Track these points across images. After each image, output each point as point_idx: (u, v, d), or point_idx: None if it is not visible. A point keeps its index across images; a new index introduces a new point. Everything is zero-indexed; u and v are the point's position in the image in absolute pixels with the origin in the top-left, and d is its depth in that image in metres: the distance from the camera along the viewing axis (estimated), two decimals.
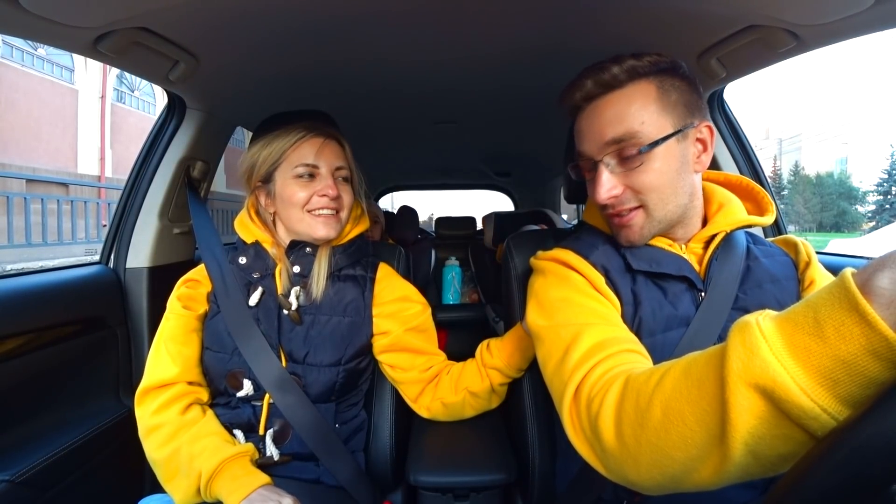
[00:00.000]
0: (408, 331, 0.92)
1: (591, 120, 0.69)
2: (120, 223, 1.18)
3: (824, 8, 0.72)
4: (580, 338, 0.61)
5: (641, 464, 0.47)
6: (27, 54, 8.59)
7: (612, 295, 0.70)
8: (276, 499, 0.71)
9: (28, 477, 0.82)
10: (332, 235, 0.87)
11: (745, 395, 0.37)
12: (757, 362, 0.36)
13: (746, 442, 0.37)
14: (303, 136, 0.85)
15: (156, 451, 0.79)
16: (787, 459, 0.37)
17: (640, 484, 0.50)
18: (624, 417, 0.49)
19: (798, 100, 50.29)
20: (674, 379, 0.45)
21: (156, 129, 1.18)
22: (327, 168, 0.86)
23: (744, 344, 0.37)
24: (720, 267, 0.71)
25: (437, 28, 0.90)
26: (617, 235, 0.72)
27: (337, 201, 0.86)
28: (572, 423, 0.58)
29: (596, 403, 0.54)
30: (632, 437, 0.48)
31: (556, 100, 0.76)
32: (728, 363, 0.38)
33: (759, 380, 0.36)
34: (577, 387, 0.58)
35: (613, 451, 0.51)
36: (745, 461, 0.38)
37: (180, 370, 0.83)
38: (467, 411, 0.95)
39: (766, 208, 0.75)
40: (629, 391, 0.50)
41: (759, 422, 0.36)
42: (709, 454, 0.40)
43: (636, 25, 0.87)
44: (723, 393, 0.38)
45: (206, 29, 0.83)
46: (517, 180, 3.01)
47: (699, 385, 0.42)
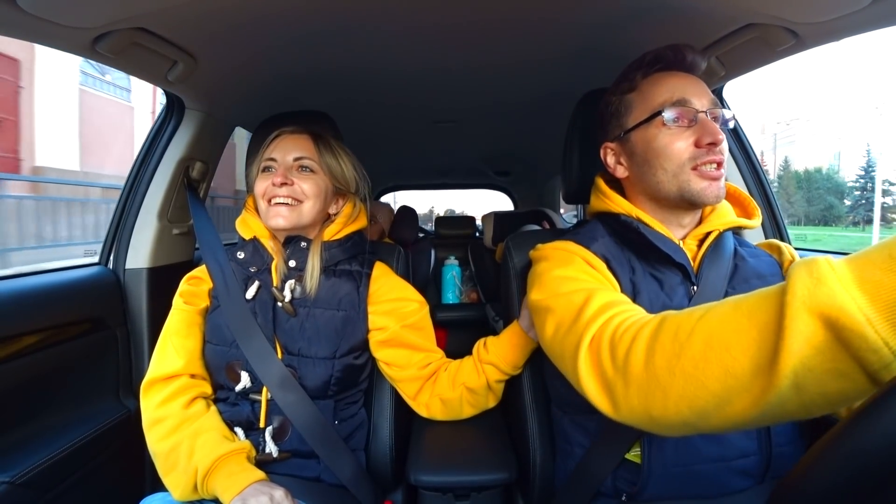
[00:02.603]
0: (404, 327, 0.92)
1: (695, 81, 0.74)
2: (119, 224, 1.18)
3: (823, 6, 0.72)
4: (592, 298, 0.63)
5: (670, 396, 0.47)
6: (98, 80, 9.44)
7: (613, 280, 0.72)
8: (267, 492, 0.71)
9: (28, 478, 0.82)
10: (286, 225, 0.87)
11: (805, 321, 0.36)
12: (824, 290, 0.35)
13: (796, 372, 0.36)
14: (272, 135, 0.91)
15: (157, 444, 0.80)
16: (829, 401, 0.37)
17: (662, 419, 0.49)
18: (658, 348, 0.49)
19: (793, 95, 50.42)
20: (721, 311, 0.45)
21: (154, 130, 1.18)
22: (283, 159, 0.89)
23: (811, 274, 0.37)
24: (711, 264, 0.74)
25: (437, 29, 0.90)
26: (702, 194, 0.70)
27: (289, 189, 0.86)
28: (588, 367, 0.57)
29: (627, 339, 0.53)
30: (665, 367, 0.48)
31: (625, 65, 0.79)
32: (791, 289, 0.37)
33: (824, 308, 0.35)
34: (596, 333, 0.58)
35: (641, 382, 0.50)
36: (787, 395, 0.37)
37: (184, 362, 0.85)
38: (465, 409, 0.95)
39: (753, 213, 0.80)
40: (667, 326, 0.50)
41: (814, 351, 0.36)
42: (749, 385, 0.40)
43: (637, 25, 0.87)
44: (780, 319, 0.38)
45: (205, 29, 0.83)
46: (516, 180, 3.01)
47: (751, 314, 0.42)
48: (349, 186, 0.95)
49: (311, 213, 0.89)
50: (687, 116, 0.70)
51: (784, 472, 0.60)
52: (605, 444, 0.74)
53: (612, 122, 0.80)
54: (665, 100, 0.71)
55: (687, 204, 0.72)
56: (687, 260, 0.73)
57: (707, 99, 0.71)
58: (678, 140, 0.70)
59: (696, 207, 0.74)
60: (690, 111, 0.70)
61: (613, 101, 0.79)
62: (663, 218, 0.76)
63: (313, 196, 0.88)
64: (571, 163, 0.94)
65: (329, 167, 0.91)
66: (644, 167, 0.74)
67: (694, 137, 0.69)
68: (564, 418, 0.83)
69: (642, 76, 0.75)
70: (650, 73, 0.75)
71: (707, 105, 0.71)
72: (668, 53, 0.74)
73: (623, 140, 0.78)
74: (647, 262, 0.75)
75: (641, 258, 0.75)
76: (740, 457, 0.68)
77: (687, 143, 0.70)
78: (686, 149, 0.70)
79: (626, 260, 0.75)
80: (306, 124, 0.93)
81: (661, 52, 0.74)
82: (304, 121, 0.93)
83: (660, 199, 0.75)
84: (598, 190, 0.83)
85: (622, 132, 0.77)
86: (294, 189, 0.87)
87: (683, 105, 0.70)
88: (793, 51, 0.85)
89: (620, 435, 0.71)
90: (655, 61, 0.75)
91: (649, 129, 0.73)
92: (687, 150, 0.70)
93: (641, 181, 0.76)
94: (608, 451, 0.74)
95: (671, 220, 0.76)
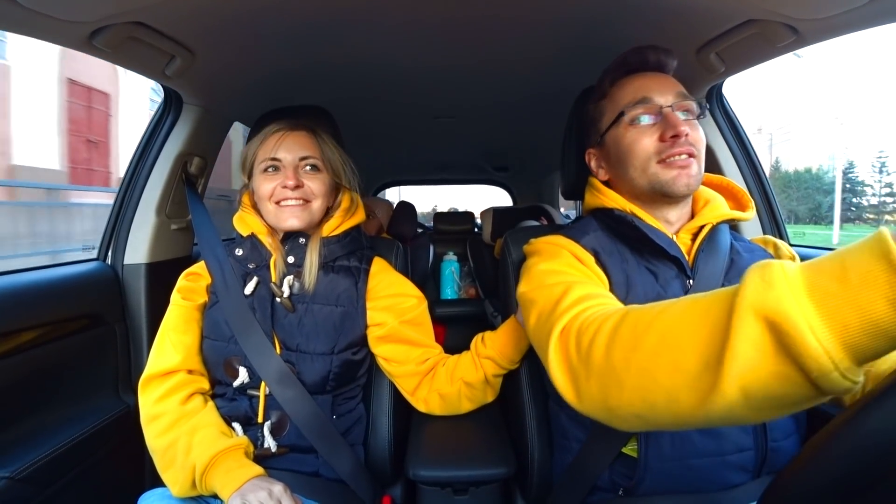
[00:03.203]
0: (403, 323, 0.92)
1: (659, 78, 0.76)
2: (117, 219, 1.17)
3: (823, 2, 0.72)
4: (570, 290, 0.64)
5: (625, 388, 0.48)
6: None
7: (601, 273, 0.73)
8: (266, 487, 0.71)
9: (28, 473, 0.82)
10: (300, 226, 0.88)
11: (751, 324, 0.37)
12: (772, 295, 0.36)
13: (741, 374, 0.37)
14: (269, 131, 0.89)
15: (155, 440, 0.80)
16: (778, 405, 0.38)
17: (617, 410, 0.50)
18: (618, 340, 0.50)
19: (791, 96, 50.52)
20: (678, 308, 0.46)
21: (152, 125, 1.17)
22: (289, 159, 0.88)
23: (762, 277, 0.38)
24: (706, 258, 0.75)
25: (436, 24, 0.90)
26: (671, 184, 0.72)
27: (301, 191, 0.87)
28: (557, 355, 0.59)
29: (592, 330, 0.55)
30: (622, 359, 0.49)
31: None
32: (742, 291, 0.38)
33: (770, 312, 0.36)
34: (567, 323, 0.60)
35: (600, 373, 0.51)
36: (734, 398, 0.38)
37: (182, 358, 0.85)
38: (464, 403, 0.95)
39: (746, 205, 0.81)
40: (629, 318, 0.51)
41: (758, 354, 0.36)
42: (697, 382, 0.41)
43: (635, 20, 0.87)
44: (729, 319, 0.38)
45: (202, 24, 0.83)
46: (515, 175, 3.01)
47: (704, 313, 0.42)
48: (343, 179, 0.95)
49: (319, 211, 0.90)
50: (650, 113, 0.73)
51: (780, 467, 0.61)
52: (602, 438, 0.75)
53: (590, 128, 0.84)
54: (629, 101, 0.74)
55: (661, 197, 0.74)
56: (681, 253, 0.74)
57: (672, 94, 0.73)
58: (643, 137, 0.73)
59: (672, 199, 0.75)
60: (653, 107, 0.73)
61: (590, 108, 0.84)
62: (654, 212, 0.77)
63: (321, 195, 0.89)
64: (570, 159, 0.94)
65: (331, 162, 0.92)
66: (619, 167, 0.77)
67: (659, 132, 0.72)
68: (562, 413, 0.84)
69: (610, 82, 0.79)
70: (617, 79, 0.78)
71: (672, 100, 0.73)
72: (632, 57, 0.77)
73: (600, 144, 0.81)
74: (641, 255, 0.76)
75: (635, 252, 0.76)
76: (736, 451, 0.69)
77: (652, 139, 0.72)
78: (651, 144, 0.72)
79: (618, 253, 0.76)
80: (298, 120, 0.92)
81: (625, 56, 0.78)
82: (301, 116, 0.93)
83: (638, 195, 0.77)
84: (593, 187, 0.84)
85: (598, 137, 0.81)
86: (304, 190, 0.87)
87: (645, 103, 0.73)
88: (792, 47, 0.85)
89: (617, 429, 0.72)
90: (621, 66, 0.78)
91: (618, 130, 0.76)
92: (652, 145, 0.72)
93: (620, 180, 0.79)
94: (605, 445, 0.74)
95: (658, 216, 0.77)
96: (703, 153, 0.74)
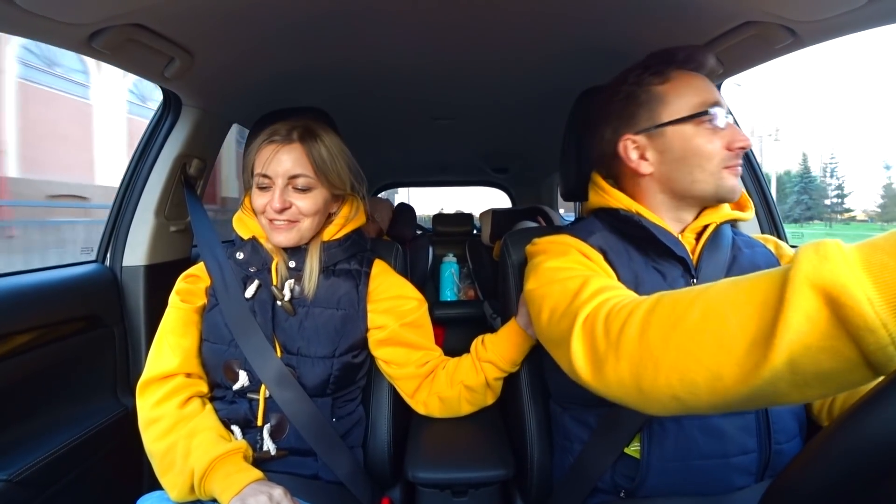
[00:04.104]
0: (403, 325, 0.92)
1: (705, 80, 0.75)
2: (116, 221, 1.17)
3: (821, 4, 0.72)
4: (588, 283, 0.64)
5: (661, 368, 0.47)
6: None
7: (610, 271, 0.73)
8: (266, 491, 0.71)
9: (26, 476, 0.82)
10: (288, 244, 0.87)
11: (807, 295, 0.36)
12: (828, 267, 0.36)
13: (791, 348, 0.36)
14: (263, 141, 0.86)
15: (153, 444, 0.80)
16: (823, 383, 0.37)
17: (651, 391, 0.49)
18: (654, 321, 0.49)
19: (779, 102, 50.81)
20: (720, 287, 0.45)
21: (151, 127, 1.17)
22: (279, 178, 0.84)
23: (817, 252, 0.37)
24: (709, 257, 0.75)
25: (435, 24, 0.90)
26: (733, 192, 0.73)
27: (288, 213, 0.84)
28: (581, 341, 0.58)
29: (622, 315, 0.54)
30: (658, 339, 0.48)
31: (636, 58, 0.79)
32: (797, 265, 0.38)
33: (827, 284, 0.35)
34: (592, 311, 0.59)
35: (633, 355, 0.50)
36: (781, 372, 0.37)
37: (180, 361, 0.84)
38: (464, 406, 0.95)
39: (746, 206, 0.80)
40: (665, 301, 0.51)
41: (812, 327, 0.36)
42: (743, 359, 0.40)
43: (634, 22, 0.87)
44: (782, 292, 0.38)
45: (202, 25, 0.83)
46: (514, 177, 3.01)
47: (751, 289, 0.42)
48: (346, 188, 0.92)
49: (311, 229, 0.88)
50: (725, 119, 0.72)
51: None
52: (604, 437, 0.74)
53: (640, 113, 0.75)
54: (705, 100, 0.72)
55: (713, 201, 0.75)
56: (686, 253, 0.74)
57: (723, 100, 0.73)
58: (715, 140, 0.71)
59: (718, 203, 0.76)
60: (719, 114, 0.71)
61: (639, 92, 0.75)
62: (665, 214, 0.76)
63: (311, 214, 0.86)
64: (569, 160, 0.94)
65: (326, 175, 0.86)
66: (678, 164, 0.73)
67: (725, 140, 0.71)
68: (564, 414, 0.83)
69: (676, 69, 0.75)
70: (684, 69, 0.75)
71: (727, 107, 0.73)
72: (699, 55, 0.75)
73: (653, 134, 0.74)
74: (647, 255, 0.75)
75: (641, 252, 0.75)
76: (740, 454, 0.68)
77: (721, 145, 0.71)
78: (720, 150, 0.71)
79: (624, 251, 0.75)
80: (292, 131, 0.86)
81: (692, 52, 0.75)
82: (300, 119, 0.89)
83: (686, 196, 0.75)
84: (596, 186, 0.83)
85: (653, 126, 0.74)
86: (291, 211, 0.85)
87: (720, 107, 0.72)
88: (791, 49, 0.85)
89: (620, 428, 0.72)
90: (688, 60, 0.75)
91: (688, 127, 0.71)
92: (722, 152, 0.71)
93: (670, 178, 0.74)
94: (607, 445, 0.74)
95: (672, 217, 0.76)
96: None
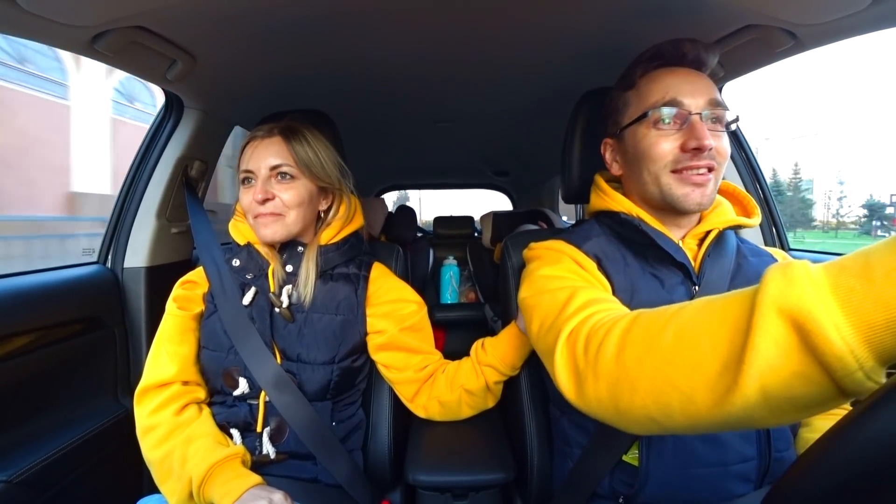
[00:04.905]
0: (403, 330, 0.91)
1: (693, 78, 0.71)
2: (117, 223, 1.18)
3: (822, 7, 0.72)
4: (576, 295, 0.63)
5: (637, 389, 0.47)
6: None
7: (604, 280, 0.71)
8: (266, 496, 0.70)
9: (26, 477, 0.82)
10: (276, 238, 0.86)
11: (774, 321, 0.36)
12: (795, 292, 0.35)
13: (761, 373, 0.36)
14: (247, 139, 0.87)
15: (150, 452, 0.79)
16: (797, 406, 0.36)
17: (628, 412, 0.49)
18: (629, 342, 0.49)
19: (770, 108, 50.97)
20: (694, 308, 0.45)
21: (153, 129, 1.17)
22: (261, 170, 0.84)
23: (784, 275, 0.37)
24: (712, 263, 0.73)
25: (437, 28, 0.90)
26: (681, 200, 0.69)
27: (271, 204, 0.84)
28: (563, 358, 0.58)
29: (601, 333, 0.53)
30: (634, 361, 0.47)
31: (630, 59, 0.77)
32: (764, 290, 0.37)
33: (793, 309, 0.35)
34: (574, 327, 0.58)
35: (610, 375, 0.50)
36: (753, 399, 0.37)
37: (177, 369, 0.84)
38: (464, 410, 0.95)
39: (752, 211, 0.78)
40: (640, 321, 0.50)
41: (780, 352, 0.35)
42: (715, 383, 0.39)
43: (634, 25, 0.87)
44: (750, 317, 0.37)
45: (204, 28, 0.83)
46: (515, 180, 3.01)
47: (723, 312, 0.41)
48: (332, 181, 0.91)
49: (297, 221, 0.87)
50: (678, 118, 0.68)
51: None
52: (603, 444, 0.74)
53: (611, 117, 0.79)
54: (657, 100, 0.70)
55: (669, 208, 0.71)
56: (687, 259, 0.72)
57: (705, 98, 0.68)
58: (664, 142, 0.69)
59: (676, 212, 0.72)
60: (681, 113, 0.68)
61: (615, 96, 0.79)
62: (660, 218, 0.75)
63: (295, 206, 0.86)
64: (570, 162, 0.94)
65: (308, 167, 0.86)
66: (633, 166, 0.74)
67: (681, 140, 0.68)
68: (563, 418, 0.83)
69: (641, 73, 0.74)
70: (649, 71, 0.73)
71: (703, 105, 0.68)
72: (668, 48, 0.72)
73: (619, 137, 0.77)
74: (646, 261, 0.74)
75: (640, 257, 0.75)
76: (739, 461, 0.68)
77: (673, 146, 0.68)
78: (670, 151, 0.69)
79: (621, 258, 0.74)
80: (274, 125, 0.87)
81: (661, 47, 0.72)
82: (298, 121, 0.90)
83: (647, 199, 0.75)
84: (598, 188, 0.82)
85: (618, 129, 0.77)
86: (275, 203, 0.84)
87: (674, 106, 0.68)
88: (792, 52, 0.85)
89: (619, 435, 0.71)
90: (655, 57, 0.73)
91: (640, 129, 0.72)
92: (671, 153, 0.69)
93: (631, 180, 0.76)
94: (606, 451, 0.73)
95: (668, 220, 0.75)
96: (724, 166, 0.70)
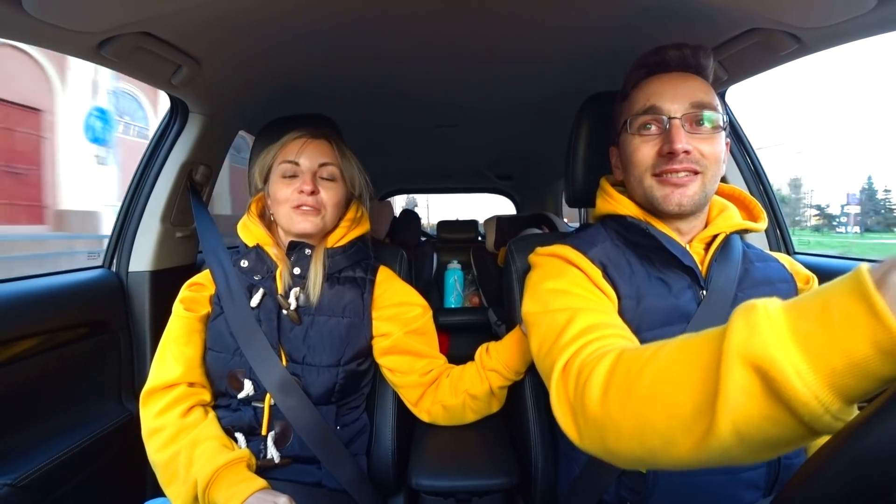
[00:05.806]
0: (408, 333, 0.92)
1: (677, 82, 0.71)
2: (122, 227, 1.18)
3: (826, 11, 0.72)
4: (574, 320, 0.63)
5: (622, 433, 0.48)
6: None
7: (609, 289, 0.71)
8: (271, 500, 0.71)
9: (30, 481, 0.82)
10: (310, 230, 0.88)
11: (739, 371, 0.37)
12: (757, 340, 0.36)
13: (734, 420, 0.37)
14: (290, 136, 0.90)
15: (156, 454, 0.80)
16: (774, 446, 0.37)
17: (617, 454, 0.50)
18: (612, 386, 0.50)
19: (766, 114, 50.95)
20: (669, 352, 0.46)
21: (158, 134, 1.18)
22: (308, 164, 0.88)
23: (747, 322, 0.37)
24: (720, 268, 0.73)
25: (439, 33, 0.91)
26: (661, 202, 0.70)
27: (315, 198, 0.87)
28: (558, 394, 0.58)
29: (586, 373, 0.54)
30: (617, 405, 0.48)
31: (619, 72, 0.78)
32: (728, 338, 0.38)
33: (756, 358, 0.36)
34: (568, 360, 0.59)
35: (596, 419, 0.51)
36: (730, 441, 0.38)
37: (183, 371, 0.84)
38: (468, 415, 0.95)
39: (759, 216, 0.79)
40: (622, 362, 0.51)
41: (750, 400, 0.36)
42: (691, 427, 0.40)
43: (638, 29, 0.87)
44: (718, 366, 0.38)
45: (209, 34, 0.83)
46: (519, 184, 3.01)
47: (694, 358, 0.42)
48: (357, 191, 0.95)
49: (332, 221, 0.91)
50: (657, 123, 0.70)
51: None
52: None
53: (612, 127, 0.82)
54: (638, 108, 0.72)
55: (655, 210, 0.73)
56: (695, 263, 0.72)
57: (685, 102, 0.69)
58: (644, 147, 0.71)
59: (664, 216, 0.73)
60: (659, 118, 0.70)
61: (614, 107, 0.81)
62: (663, 222, 0.75)
63: (332, 206, 0.90)
64: (574, 166, 0.94)
65: (349, 174, 0.93)
66: (626, 172, 0.76)
67: (660, 145, 0.69)
68: None
69: (632, 84, 0.76)
70: (638, 80, 0.75)
71: (682, 110, 0.69)
72: (651, 57, 0.73)
73: (617, 145, 0.80)
74: (652, 265, 0.74)
75: (646, 261, 0.74)
76: (748, 469, 0.67)
77: (652, 151, 0.70)
78: (650, 156, 0.71)
79: (626, 265, 0.74)
80: (317, 128, 0.93)
81: (644, 57, 0.74)
82: (307, 125, 0.93)
83: (639, 204, 0.76)
84: (604, 192, 0.82)
85: (616, 137, 0.80)
86: (319, 198, 0.87)
87: (651, 112, 0.70)
88: (796, 55, 0.85)
89: None
90: (641, 67, 0.75)
91: (626, 136, 0.74)
92: (650, 158, 0.70)
93: (629, 185, 0.78)
94: None
95: (673, 226, 0.75)
96: (715, 168, 0.70)
